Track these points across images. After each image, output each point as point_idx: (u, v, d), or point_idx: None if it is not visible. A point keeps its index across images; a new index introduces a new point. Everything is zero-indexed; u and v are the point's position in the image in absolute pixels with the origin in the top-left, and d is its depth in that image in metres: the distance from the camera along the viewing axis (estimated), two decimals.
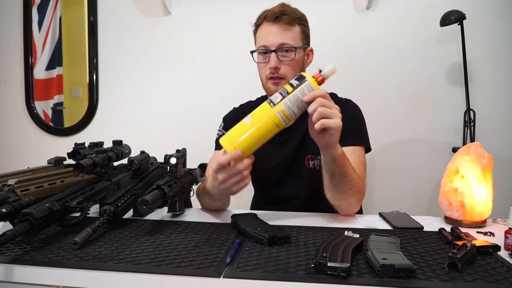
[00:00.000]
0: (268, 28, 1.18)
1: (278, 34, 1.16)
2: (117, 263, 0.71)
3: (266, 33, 1.18)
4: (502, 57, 1.86)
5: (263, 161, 1.28)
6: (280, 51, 1.17)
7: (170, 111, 2.10)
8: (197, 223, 1.00)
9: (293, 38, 1.17)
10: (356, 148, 1.18)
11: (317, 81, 0.90)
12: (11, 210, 0.77)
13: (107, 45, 2.13)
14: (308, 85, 0.88)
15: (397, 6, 1.91)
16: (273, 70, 1.17)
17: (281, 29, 1.16)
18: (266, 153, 1.27)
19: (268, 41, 1.17)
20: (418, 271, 0.68)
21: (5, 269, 0.71)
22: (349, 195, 1.05)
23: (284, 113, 0.88)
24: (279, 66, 1.17)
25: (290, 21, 1.16)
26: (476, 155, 1.04)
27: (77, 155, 1.05)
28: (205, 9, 2.03)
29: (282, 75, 1.17)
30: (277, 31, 1.16)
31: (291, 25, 1.17)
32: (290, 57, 1.17)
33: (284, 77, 1.17)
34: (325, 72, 0.91)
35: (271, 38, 1.17)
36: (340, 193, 1.04)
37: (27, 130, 2.23)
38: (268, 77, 1.19)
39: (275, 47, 1.16)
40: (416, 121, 1.94)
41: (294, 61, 1.18)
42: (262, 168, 1.31)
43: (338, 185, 1.02)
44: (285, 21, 1.16)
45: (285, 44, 1.16)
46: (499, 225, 1.05)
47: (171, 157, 1.04)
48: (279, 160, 1.27)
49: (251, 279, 0.66)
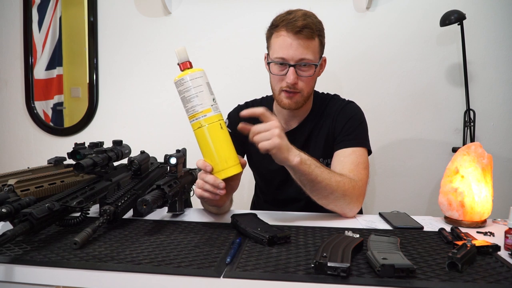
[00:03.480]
0: (287, 40, 1.10)
1: (298, 49, 1.10)
2: (117, 263, 0.71)
3: (286, 45, 1.10)
4: (502, 57, 1.86)
5: (265, 163, 1.28)
6: (298, 66, 1.12)
7: (170, 111, 2.09)
8: (197, 223, 1.00)
9: (313, 52, 1.12)
10: (356, 149, 1.17)
11: (185, 69, 0.91)
12: (11, 210, 0.77)
13: (107, 45, 2.13)
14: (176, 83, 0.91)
15: (397, 6, 1.91)
16: (290, 85, 1.12)
17: (302, 44, 1.10)
18: (269, 156, 1.27)
19: (288, 55, 1.11)
20: (418, 271, 0.69)
21: (5, 269, 0.71)
22: (333, 199, 1.04)
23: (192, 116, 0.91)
24: (297, 82, 1.13)
25: (311, 35, 1.10)
26: (476, 155, 1.04)
27: (77, 155, 1.05)
28: (205, 9, 2.03)
29: (298, 90, 1.14)
30: (297, 45, 1.10)
31: (312, 39, 1.11)
32: (309, 73, 1.13)
33: (300, 91, 1.14)
34: (178, 59, 0.92)
35: (291, 52, 1.10)
36: (321, 198, 1.04)
37: (27, 130, 2.23)
38: (282, 90, 1.16)
39: (294, 62, 1.11)
40: (416, 121, 1.93)
41: (313, 77, 1.15)
42: (264, 170, 1.31)
43: (314, 193, 1.03)
44: (306, 35, 1.09)
45: (305, 59, 1.11)
46: (499, 225, 1.05)
47: (171, 157, 1.04)
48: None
49: (251, 279, 0.66)
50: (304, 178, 0.99)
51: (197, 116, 0.90)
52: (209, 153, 0.91)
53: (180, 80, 0.91)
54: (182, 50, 0.91)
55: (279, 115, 1.27)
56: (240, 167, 0.95)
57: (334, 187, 1.01)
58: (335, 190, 1.02)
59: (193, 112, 0.90)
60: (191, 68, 0.92)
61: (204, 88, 0.90)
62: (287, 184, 1.28)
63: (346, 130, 1.19)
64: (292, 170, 0.99)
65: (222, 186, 0.91)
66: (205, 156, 0.93)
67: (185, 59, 0.92)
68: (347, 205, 1.06)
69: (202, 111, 0.90)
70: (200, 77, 0.91)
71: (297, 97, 1.15)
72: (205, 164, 0.92)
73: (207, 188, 0.93)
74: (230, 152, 0.93)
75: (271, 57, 1.16)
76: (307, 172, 0.97)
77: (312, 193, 1.03)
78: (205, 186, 0.93)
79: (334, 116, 1.23)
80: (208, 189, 0.93)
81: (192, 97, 0.89)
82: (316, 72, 1.17)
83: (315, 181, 0.99)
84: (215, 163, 0.91)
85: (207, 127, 0.90)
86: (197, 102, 0.89)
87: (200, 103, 0.89)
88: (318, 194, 1.03)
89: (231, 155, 0.92)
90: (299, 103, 1.16)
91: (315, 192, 1.03)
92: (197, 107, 0.89)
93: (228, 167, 0.92)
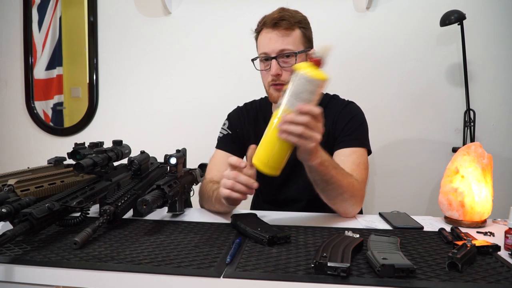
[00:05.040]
0: (267, 35, 1.16)
1: (277, 41, 1.14)
2: (117, 263, 0.71)
3: (266, 39, 1.16)
4: (502, 57, 1.86)
5: None
6: (281, 57, 1.15)
7: (170, 111, 2.10)
8: (197, 223, 1.00)
9: (293, 43, 1.15)
10: (356, 150, 1.17)
11: (315, 65, 0.87)
12: (11, 210, 0.77)
13: (107, 45, 2.13)
14: (299, 74, 0.86)
15: (397, 6, 1.91)
16: (274, 77, 1.15)
17: (281, 35, 1.14)
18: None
19: (268, 48, 1.15)
20: (418, 271, 0.68)
21: (5, 269, 0.71)
22: (341, 200, 1.03)
23: (290, 111, 0.87)
24: (281, 73, 1.15)
25: (290, 26, 1.14)
26: (476, 155, 1.04)
27: (77, 155, 1.05)
28: (205, 9, 2.03)
29: (284, 81, 1.15)
30: (276, 37, 1.14)
31: (290, 29, 1.14)
32: (291, 63, 1.15)
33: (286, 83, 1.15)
34: (317, 53, 0.88)
35: (271, 45, 1.15)
36: (330, 199, 1.04)
37: (27, 130, 2.23)
38: (270, 84, 1.18)
39: (275, 54, 1.14)
40: (416, 121, 1.93)
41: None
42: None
43: (325, 192, 1.02)
44: (284, 27, 1.13)
45: (285, 50, 1.14)
46: (499, 225, 1.05)
47: (171, 157, 1.04)
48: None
49: (251, 279, 0.66)
50: (318, 178, 0.98)
51: (287, 112, 0.87)
52: (271, 145, 0.89)
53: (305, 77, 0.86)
54: (329, 49, 0.88)
55: None
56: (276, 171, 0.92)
57: (345, 188, 1.01)
58: (345, 191, 1.02)
59: (289, 107, 0.87)
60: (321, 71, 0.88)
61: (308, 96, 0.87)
62: (288, 185, 1.28)
63: (347, 130, 1.19)
64: (308, 168, 0.98)
65: (255, 186, 0.91)
66: (264, 147, 0.90)
67: (321, 57, 0.88)
68: (352, 206, 1.06)
69: (292, 110, 0.87)
70: (317, 85, 0.87)
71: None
72: (239, 160, 0.92)
73: (239, 188, 0.91)
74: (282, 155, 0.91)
75: (258, 56, 1.20)
76: (324, 173, 0.97)
77: (323, 192, 1.02)
78: (236, 186, 0.91)
79: (334, 116, 1.23)
80: (240, 189, 0.92)
81: (299, 95, 0.87)
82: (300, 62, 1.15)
83: (329, 182, 0.98)
84: (268, 156, 0.89)
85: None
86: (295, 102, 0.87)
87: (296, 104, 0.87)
88: (329, 194, 1.02)
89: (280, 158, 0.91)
90: None
91: (326, 192, 1.02)
92: (293, 106, 0.87)
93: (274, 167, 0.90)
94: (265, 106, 1.33)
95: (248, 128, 1.32)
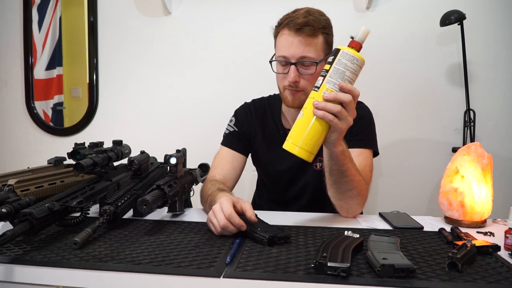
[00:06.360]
0: (289, 38, 1.09)
1: (299, 47, 1.08)
2: (117, 263, 0.71)
3: (287, 43, 1.10)
4: (502, 57, 1.86)
5: (274, 163, 1.28)
6: (300, 64, 1.10)
7: (170, 111, 2.10)
8: (197, 223, 1.00)
9: (315, 50, 1.10)
10: (363, 151, 1.17)
11: (354, 48, 0.87)
12: (11, 210, 0.77)
13: (107, 45, 2.13)
14: (344, 53, 0.86)
15: (397, 6, 1.91)
16: (292, 83, 1.11)
17: (303, 41, 1.08)
18: (278, 156, 1.27)
19: (288, 53, 1.10)
20: (418, 271, 0.68)
21: (5, 269, 0.71)
22: (349, 196, 1.04)
23: (331, 90, 0.86)
24: (299, 80, 1.11)
25: (313, 33, 1.08)
26: (476, 155, 1.04)
27: (77, 155, 1.05)
28: (205, 9, 2.03)
29: (301, 88, 1.12)
30: (298, 43, 1.08)
31: (314, 36, 1.09)
32: (310, 71, 1.11)
33: (303, 89, 1.12)
34: (358, 37, 0.87)
35: (291, 50, 1.09)
36: (339, 192, 1.04)
37: (27, 130, 2.23)
38: (285, 87, 1.14)
39: (295, 60, 1.09)
40: (416, 121, 1.94)
41: (315, 75, 1.11)
42: (272, 171, 1.30)
43: (337, 184, 1.02)
44: (307, 33, 1.08)
45: (307, 57, 1.09)
46: (499, 225, 1.05)
47: (171, 157, 1.04)
48: (291, 163, 1.25)
49: (251, 279, 0.66)
50: (336, 168, 0.98)
51: (328, 91, 0.87)
52: (305, 126, 0.88)
53: (352, 55, 0.86)
54: (367, 33, 0.88)
55: (287, 113, 1.27)
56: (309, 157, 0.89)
57: (355, 184, 1.02)
58: (355, 187, 1.02)
59: (329, 86, 0.87)
60: (359, 52, 0.88)
61: (351, 76, 0.87)
62: (294, 183, 1.28)
63: (355, 131, 1.18)
64: (329, 155, 0.97)
65: (244, 228, 0.87)
66: (298, 129, 0.89)
67: (362, 41, 0.88)
68: (356, 205, 1.06)
69: (333, 90, 0.87)
70: (360, 66, 0.87)
71: (300, 94, 1.13)
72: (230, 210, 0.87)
73: (231, 230, 0.87)
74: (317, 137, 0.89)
75: (275, 56, 1.16)
76: (342, 162, 0.97)
77: (335, 184, 1.02)
78: (229, 228, 0.87)
79: None
80: (232, 231, 0.88)
81: (341, 75, 0.86)
82: (320, 71, 1.15)
83: (344, 174, 0.99)
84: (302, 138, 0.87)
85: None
86: (337, 82, 0.86)
87: (337, 83, 0.86)
88: (339, 187, 1.02)
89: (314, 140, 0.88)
90: (303, 101, 1.15)
91: (337, 184, 1.02)
92: (335, 86, 0.86)
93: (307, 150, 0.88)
94: (274, 104, 1.31)
95: (255, 125, 1.30)
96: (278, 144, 1.02)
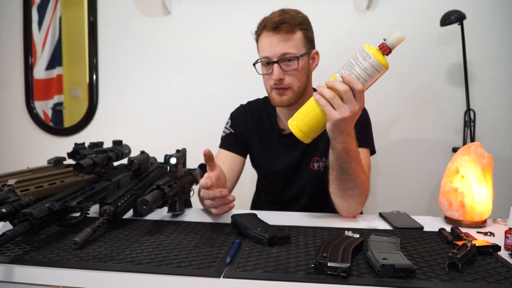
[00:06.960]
0: (268, 39, 1.13)
1: (278, 45, 1.11)
2: (117, 263, 0.71)
3: (267, 43, 1.13)
4: (502, 57, 1.86)
5: (270, 164, 1.28)
6: (282, 61, 1.12)
7: (170, 110, 2.10)
8: (197, 223, 1.00)
9: (295, 46, 1.12)
10: (361, 150, 1.17)
11: (380, 51, 0.87)
12: (11, 210, 0.77)
13: (107, 45, 2.13)
14: (361, 49, 0.87)
15: (397, 6, 1.91)
16: (277, 81, 1.13)
17: (282, 39, 1.11)
18: (273, 157, 1.27)
19: (269, 52, 1.13)
20: (418, 271, 0.68)
21: (5, 269, 0.71)
22: (350, 195, 1.04)
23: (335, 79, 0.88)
24: (283, 77, 1.13)
25: (291, 29, 1.11)
26: (476, 155, 1.04)
27: (77, 155, 1.05)
28: (205, 9, 2.03)
29: (286, 85, 1.14)
30: (277, 42, 1.11)
31: (292, 32, 1.12)
32: (293, 66, 1.13)
33: (289, 86, 1.14)
34: (390, 41, 0.87)
35: (272, 49, 1.12)
36: (340, 189, 1.04)
37: (27, 130, 2.23)
38: (272, 87, 1.16)
39: (277, 58, 1.12)
40: (416, 121, 1.93)
41: (298, 70, 1.14)
42: (269, 171, 1.31)
43: (338, 180, 1.02)
44: (285, 30, 1.11)
45: (287, 53, 1.12)
46: (499, 225, 1.05)
47: (171, 157, 1.04)
48: (286, 163, 1.26)
49: (251, 279, 0.66)
50: (336, 163, 0.99)
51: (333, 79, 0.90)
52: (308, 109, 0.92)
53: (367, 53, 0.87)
54: (401, 40, 0.90)
55: (282, 115, 1.27)
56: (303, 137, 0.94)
57: (358, 184, 1.02)
58: (357, 186, 1.02)
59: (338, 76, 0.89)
60: (385, 58, 0.89)
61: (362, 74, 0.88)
62: (291, 184, 1.28)
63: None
64: (331, 148, 0.99)
65: (224, 193, 0.92)
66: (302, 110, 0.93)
67: (391, 45, 0.89)
68: (357, 204, 1.06)
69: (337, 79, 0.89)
70: (378, 72, 0.89)
71: (288, 92, 1.15)
72: (206, 180, 0.92)
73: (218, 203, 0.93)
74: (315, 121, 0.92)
75: (259, 59, 1.19)
76: (344, 161, 0.98)
77: (336, 180, 1.03)
78: (216, 202, 0.93)
79: None
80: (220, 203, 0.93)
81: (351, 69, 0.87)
82: (303, 66, 1.15)
83: (346, 172, 1.00)
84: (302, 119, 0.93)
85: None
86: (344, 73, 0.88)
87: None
88: (341, 183, 1.03)
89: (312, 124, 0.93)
90: (291, 99, 1.16)
91: (339, 181, 1.02)
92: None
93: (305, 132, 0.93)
94: (269, 105, 1.32)
95: (251, 127, 1.31)
96: (273, 145, 1.03)
